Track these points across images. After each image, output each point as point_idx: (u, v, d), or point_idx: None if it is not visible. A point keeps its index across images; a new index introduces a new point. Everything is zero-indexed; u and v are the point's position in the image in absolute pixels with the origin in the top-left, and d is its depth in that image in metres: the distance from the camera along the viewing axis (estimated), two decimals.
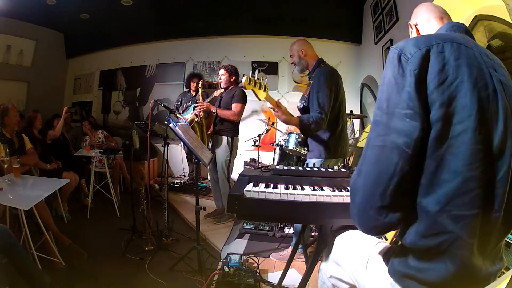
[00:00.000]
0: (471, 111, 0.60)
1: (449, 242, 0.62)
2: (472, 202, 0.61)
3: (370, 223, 0.69)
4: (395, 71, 0.65)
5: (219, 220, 2.92)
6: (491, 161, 0.62)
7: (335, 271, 1.01)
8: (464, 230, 0.61)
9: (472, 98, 0.61)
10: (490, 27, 1.97)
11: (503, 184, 0.63)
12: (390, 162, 0.64)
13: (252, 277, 1.77)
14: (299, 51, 2.03)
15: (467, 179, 0.60)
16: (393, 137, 0.63)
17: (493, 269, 0.68)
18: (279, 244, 2.37)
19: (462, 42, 0.67)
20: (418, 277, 0.67)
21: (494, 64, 0.68)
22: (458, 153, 0.60)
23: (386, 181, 0.64)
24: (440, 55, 0.63)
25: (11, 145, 2.36)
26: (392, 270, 0.75)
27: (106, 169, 3.26)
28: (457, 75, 0.61)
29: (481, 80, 0.63)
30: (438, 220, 0.63)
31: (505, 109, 0.64)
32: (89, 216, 3.02)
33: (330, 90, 1.87)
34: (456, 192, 0.61)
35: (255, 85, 1.60)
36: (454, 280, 0.64)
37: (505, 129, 0.63)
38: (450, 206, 0.62)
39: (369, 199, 0.67)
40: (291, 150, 2.49)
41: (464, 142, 0.60)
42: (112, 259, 2.19)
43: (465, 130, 0.60)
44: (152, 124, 3.02)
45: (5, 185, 1.89)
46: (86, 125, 3.98)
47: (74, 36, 5.14)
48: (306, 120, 1.82)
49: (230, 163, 2.82)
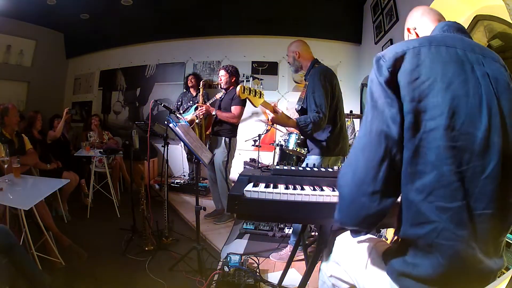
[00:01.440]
0: (443, 109, 0.63)
1: (436, 233, 0.64)
2: (453, 195, 0.63)
3: (362, 212, 0.70)
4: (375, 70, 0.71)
5: (219, 220, 2.92)
6: (472, 158, 0.63)
7: (335, 271, 1.02)
8: (450, 222, 0.63)
9: (445, 97, 0.63)
10: (490, 27, 1.97)
11: (492, 180, 0.63)
12: (379, 146, 0.67)
13: (252, 277, 1.77)
14: (294, 52, 2.04)
15: (443, 173, 0.63)
16: (379, 123, 0.67)
17: (493, 266, 0.68)
18: (279, 244, 2.37)
19: (443, 44, 0.69)
20: (414, 274, 0.68)
21: (483, 59, 0.70)
22: (432, 147, 0.63)
23: (376, 165, 0.67)
24: (416, 57, 0.67)
25: (11, 145, 2.36)
26: (390, 269, 0.75)
27: (106, 169, 3.26)
28: (430, 75, 0.65)
29: (459, 77, 0.65)
30: (422, 210, 0.65)
31: (488, 104, 0.64)
32: (89, 216, 3.02)
33: (326, 89, 1.87)
34: (435, 184, 0.63)
35: (249, 93, 1.61)
36: (448, 275, 0.65)
37: (489, 125, 0.63)
38: (432, 196, 0.64)
39: (359, 187, 0.69)
40: (291, 150, 2.49)
41: (436, 138, 0.63)
42: (112, 259, 2.19)
43: (437, 127, 0.63)
44: (152, 124, 3.02)
45: (5, 185, 1.89)
46: (95, 120, 3.98)
47: (74, 36, 5.14)
48: (303, 122, 1.82)
49: (228, 164, 2.82)
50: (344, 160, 2.22)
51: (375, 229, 0.76)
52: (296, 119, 1.86)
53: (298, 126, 1.82)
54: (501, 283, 0.70)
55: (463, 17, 2.07)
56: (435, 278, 0.66)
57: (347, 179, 0.73)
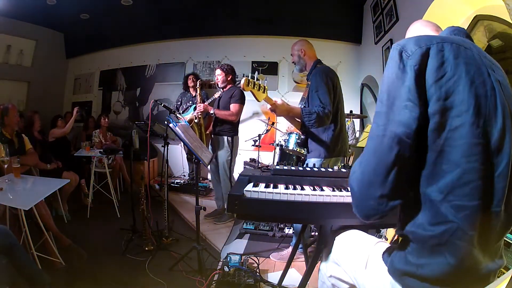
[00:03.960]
0: (469, 106, 0.63)
1: (450, 232, 0.64)
2: (472, 193, 0.63)
3: (371, 212, 0.71)
4: (396, 66, 0.67)
5: (219, 220, 2.92)
6: (489, 156, 0.64)
7: (335, 271, 1.02)
8: (465, 221, 0.63)
9: (470, 93, 0.63)
10: (490, 27, 1.97)
11: (503, 179, 0.65)
12: (390, 151, 0.65)
13: (252, 277, 1.77)
14: (299, 50, 2.04)
15: (466, 171, 0.63)
16: (393, 127, 0.66)
17: (493, 266, 0.69)
18: (279, 244, 2.37)
19: (461, 44, 0.69)
20: (418, 274, 0.68)
21: (493, 65, 0.71)
22: (457, 145, 0.63)
23: (385, 170, 0.66)
24: (440, 53, 0.65)
25: (11, 145, 2.36)
26: (392, 268, 0.75)
27: (106, 169, 3.26)
28: (455, 72, 0.64)
29: (479, 77, 0.65)
30: (441, 210, 0.65)
31: (503, 107, 0.66)
32: (89, 216, 3.02)
33: (329, 87, 1.88)
34: (456, 183, 0.63)
35: (254, 86, 1.60)
36: (455, 275, 0.65)
37: (504, 125, 0.65)
38: (451, 195, 0.64)
39: (368, 189, 0.69)
40: (291, 150, 2.49)
41: (462, 135, 0.63)
42: (112, 259, 2.19)
43: (463, 124, 0.63)
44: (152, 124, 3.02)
45: (5, 185, 1.89)
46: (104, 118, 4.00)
47: (74, 36, 5.14)
48: (307, 111, 1.81)
49: (231, 162, 2.83)
50: (343, 160, 2.22)
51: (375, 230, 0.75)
52: (301, 107, 1.85)
53: (302, 114, 1.80)
54: (501, 283, 0.70)
55: (463, 17, 2.07)
56: (441, 277, 0.66)
57: (357, 178, 0.73)
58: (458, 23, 2.09)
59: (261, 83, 1.64)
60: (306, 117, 1.80)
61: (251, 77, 1.58)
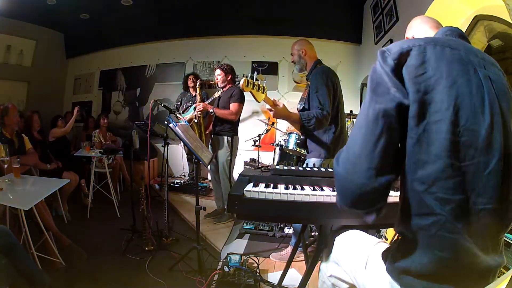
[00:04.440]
0: (448, 105, 0.64)
1: (439, 224, 0.65)
2: (455, 188, 0.64)
3: (356, 190, 0.69)
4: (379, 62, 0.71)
5: (219, 220, 2.92)
6: (476, 153, 0.64)
7: (335, 271, 1.02)
8: (452, 214, 0.64)
9: (450, 93, 0.65)
10: (490, 27, 1.97)
11: (494, 176, 0.65)
12: (377, 124, 0.67)
13: (252, 277, 1.77)
14: (300, 50, 2.04)
15: (447, 165, 0.64)
16: (379, 103, 0.67)
17: (492, 263, 0.69)
18: (279, 244, 2.37)
19: (447, 45, 0.71)
20: (414, 270, 0.68)
21: (484, 62, 0.72)
22: (436, 138, 0.64)
23: (373, 142, 0.67)
24: (421, 54, 0.68)
25: (11, 145, 2.36)
26: (390, 268, 0.76)
27: (106, 169, 3.26)
28: (436, 72, 0.66)
29: (463, 76, 0.67)
30: (425, 200, 0.66)
31: (491, 104, 0.66)
32: (89, 216, 3.02)
33: (329, 88, 1.87)
34: (438, 175, 0.64)
35: (253, 87, 1.60)
36: (450, 270, 0.66)
37: (491, 123, 0.65)
38: (434, 187, 0.65)
39: (355, 164, 0.69)
40: (291, 150, 2.49)
41: (441, 131, 0.64)
42: (112, 259, 2.19)
43: (442, 119, 0.64)
44: (152, 124, 3.02)
45: (5, 185, 1.89)
46: (104, 118, 4.01)
47: (74, 36, 5.14)
48: (306, 116, 1.81)
49: (231, 162, 2.83)
50: None
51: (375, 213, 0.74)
52: (299, 112, 1.85)
53: (301, 120, 1.81)
54: (501, 283, 0.70)
55: (463, 17, 2.07)
56: (434, 273, 0.66)
57: (342, 158, 0.73)
58: (458, 23, 2.09)
59: (260, 84, 1.64)
60: (305, 122, 1.81)
61: (250, 78, 1.59)
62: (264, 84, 1.68)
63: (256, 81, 1.62)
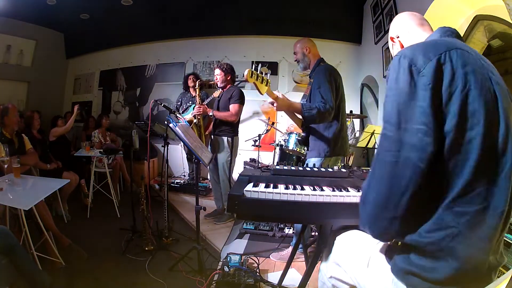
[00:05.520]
0: (479, 116, 0.62)
1: (450, 237, 0.64)
2: (475, 199, 0.63)
3: (381, 231, 0.71)
4: (405, 83, 0.64)
5: (219, 220, 2.92)
6: (496, 160, 0.64)
7: (335, 272, 1.01)
8: (466, 226, 0.63)
9: (480, 103, 0.62)
10: (490, 27, 1.97)
11: (508, 180, 0.65)
12: (403, 178, 0.64)
13: (252, 277, 1.77)
14: (304, 48, 2.04)
15: (473, 181, 0.62)
16: (406, 153, 0.63)
17: (494, 262, 0.69)
18: (279, 244, 2.37)
19: (464, 48, 0.68)
20: (423, 276, 0.68)
21: (490, 67, 0.71)
22: (468, 158, 0.62)
23: (398, 195, 0.65)
24: (449, 64, 0.63)
25: (11, 145, 2.36)
26: (395, 267, 0.75)
27: (106, 169, 3.26)
28: (465, 82, 0.62)
29: (485, 83, 0.65)
30: (442, 217, 0.65)
31: (504, 110, 0.66)
32: (89, 216, 3.02)
33: (331, 85, 1.87)
34: (461, 192, 0.63)
35: (257, 78, 1.60)
36: (459, 276, 0.65)
37: (506, 127, 0.65)
38: (453, 203, 0.64)
39: (381, 211, 0.68)
40: (291, 150, 2.49)
41: (473, 148, 0.62)
42: (112, 259, 2.19)
43: (475, 136, 0.62)
44: (152, 124, 3.01)
45: (5, 185, 1.89)
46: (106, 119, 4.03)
47: (74, 36, 5.14)
48: (308, 106, 1.81)
49: (231, 163, 2.82)
50: (343, 160, 2.22)
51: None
52: (301, 102, 1.85)
53: (302, 109, 1.80)
54: (501, 283, 0.70)
55: (463, 17, 2.07)
56: (445, 281, 0.66)
57: (370, 199, 0.72)
58: (458, 23, 2.09)
59: (264, 76, 1.64)
60: (306, 112, 1.79)
61: (254, 69, 1.59)
62: (268, 77, 1.67)
63: (260, 74, 1.61)
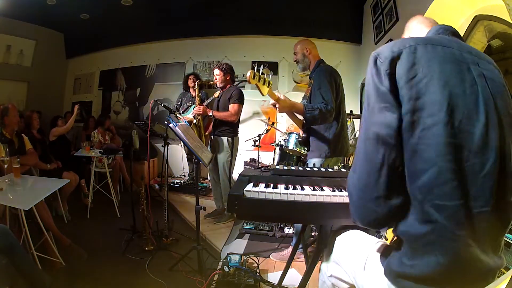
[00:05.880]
0: (441, 106, 0.63)
1: (437, 232, 0.64)
2: (451, 193, 0.63)
3: (370, 216, 0.72)
4: (373, 72, 0.71)
5: (219, 220, 2.92)
6: (471, 155, 0.63)
7: (335, 271, 1.02)
8: (450, 221, 0.63)
9: (443, 94, 0.64)
10: (490, 27, 1.97)
11: (490, 177, 0.64)
12: (377, 153, 0.67)
13: (252, 277, 1.77)
14: (304, 49, 2.04)
15: (443, 170, 0.63)
16: (376, 129, 0.68)
17: (492, 264, 0.68)
18: (279, 244, 2.37)
19: (439, 44, 0.70)
20: (412, 275, 0.68)
21: (478, 60, 0.71)
22: (431, 144, 0.63)
23: (376, 171, 0.68)
24: (412, 55, 0.67)
25: (11, 145, 2.36)
26: (387, 270, 0.75)
27: (106, 169, 3.26)
28: (427, 73, 0.65)
29: (456, 75, 0.66)
30: (424, 208, 0.65)
31: (485, 102, 0.65)
32: (89, 216, 3.02)
33: (332, 86, 1.88)
34: (434, 182, 0.63)
35: (259, 80, 1.60)
36: (448, 274, 0.65)
37: (487, 121, 0.64)
38: (431, 195, 0.64)
39: (365, 192, 0.71)
40: (291, 150, 2.49)
41: (436, 135, 0.63)
42: (112, 259, 2.19)
43: (436, 123, 0.63)
44: (152, 124, 3.01)
45: (5, 185, 1.89)
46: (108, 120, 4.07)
47: (74, 36, 5.14)
48: (310, 106, 1.81)
49: (231, 163, 2.82)
50: (344, 160, 2.22)
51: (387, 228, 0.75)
52: (303, 103, 1.86)
53: (305, 110, 1.80)
54: (501, 283, 0.70)
55: (463, 17, 2.07)
56: (433, 277, 0.66)
57: (353, 184, 0.74)
58: (458, 23, 2.10)
59: (266, 77, 1.65)
60: (308, 113, 1.80)
61: (256, 71, 1.59)
62: (270, 78, 1.68)
63: (262, 75, 1.62)
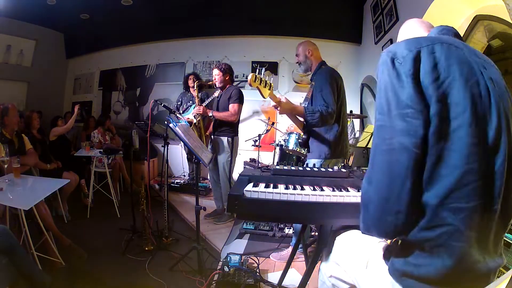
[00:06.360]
0: (465, 107, 0.62)
1: (447, 235, 0.63)
2: (470, 195, 0.62)
3: (389, 228, 0.68)
4: (390, 74, 0.67)
5: (219, 220, 2.92)
6: (487, 154, 0.64)
7: (335, 271, 1.02)
8: (463, 223, 0.62)
9: (465, 94, 0.63)
10: (490, 27, 1.97)
11: (500, 176, 0.64)
12: (401, 165, 0.63)
13: (252, 277, 1.77)
14: (306, 50, 2.05)
15: (465, 173, 0.62)
16: (399, 138, 0.64)
17: (493, 265, 0.68)
18: (279, 244, 2.37)
19: (451, 43, 0.69)
20: (417, 274, 0.68)
21: (484, 63, 0.71)
22: (456, 148, 0.62)
23: (399, 185, 0.64)
24: (431, 55, 0.65)
25: (11, 145, 2.36)
26: (392, 269, 0.75)
27: (106, 169, 3.26)
28: (449, 73, 0.64)
29: (472, 77, 0.65)
30: (438, 213, 0.64)
31: (497, 105, 0.66)
32: (89, 216, 3.02)
33: (333, 88, 1.88)
34: (454, 186, 0.62)
35: (260, 83, 1.61)
36: (453, 275, 0.65)
37: (499, 123, 0.65)
38: (449, 199, 0.63)
39: (384, 206, 0.67)
40: (291, 150, 2.49)
41: (461, 137, 0.62)
42: (112, 259, 2.19)
43: (461, 125, 0.62)
44: (152, 124, 3.02)
45: (5, 185, 1.89)
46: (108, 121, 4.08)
47: (74, 36, 5.15)
48: (311, 109, 1.82)
49: (231, 163, 2.82)
50: (343, 161, 2.22)
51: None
52: (304, 106, 1.86)
53: (305, 113, 1.82)
54: (501, 283, 0.70)
55: (463, 17, 2.07)
56: (438, 278, 0.65)
57: (370, 196, 0.70)
58: (458, 23, 2.10)
59: (268, 80, 1.65)
60: (309, 116, 1.81)
61: (258, 73, 1.59)
62: (271, 81, 1.68)
63: (263, 77, 1.62)
